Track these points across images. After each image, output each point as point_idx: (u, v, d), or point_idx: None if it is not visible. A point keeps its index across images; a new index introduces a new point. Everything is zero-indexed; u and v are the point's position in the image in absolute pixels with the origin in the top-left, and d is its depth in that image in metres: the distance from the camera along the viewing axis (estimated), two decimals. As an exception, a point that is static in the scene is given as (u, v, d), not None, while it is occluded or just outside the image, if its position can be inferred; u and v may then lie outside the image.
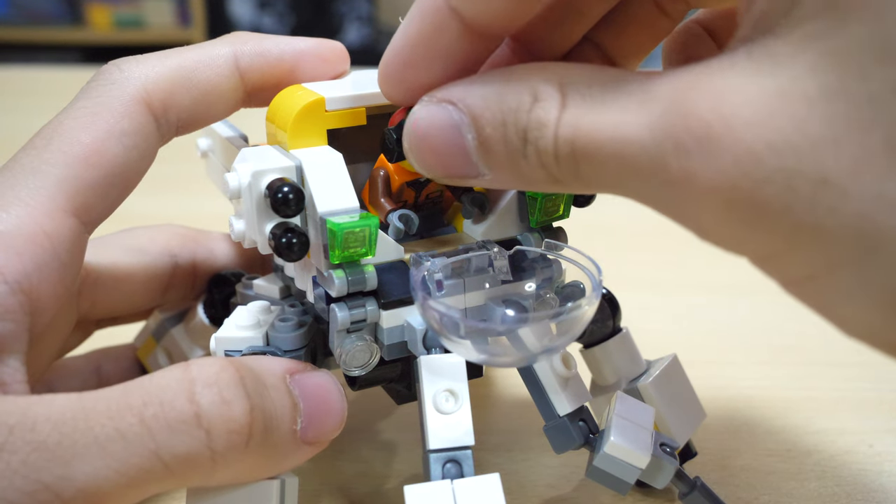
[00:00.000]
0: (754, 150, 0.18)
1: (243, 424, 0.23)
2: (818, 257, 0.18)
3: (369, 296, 0.27)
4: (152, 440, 0.22)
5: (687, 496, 0.30)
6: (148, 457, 0.22)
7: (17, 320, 0.24)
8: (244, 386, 0.24)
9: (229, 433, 0.23)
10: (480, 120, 0.23)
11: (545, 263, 0.29)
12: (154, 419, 0.22)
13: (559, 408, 0.28)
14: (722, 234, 0.20)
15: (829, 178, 0.18)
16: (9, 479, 0.20)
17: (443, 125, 0.23)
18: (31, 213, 0.25)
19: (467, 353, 0.26)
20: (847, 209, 0.18)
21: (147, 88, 0.28)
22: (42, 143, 0.27)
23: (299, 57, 0.30)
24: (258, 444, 0.24)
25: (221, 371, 0.23)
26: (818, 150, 0.18)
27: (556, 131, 0.21)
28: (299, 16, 2.31)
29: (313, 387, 0.26)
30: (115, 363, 0.37)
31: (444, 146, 0.23)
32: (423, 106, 0.24)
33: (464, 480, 0.25)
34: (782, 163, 0.18)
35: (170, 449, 0.22)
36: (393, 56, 0.24)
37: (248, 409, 0.23)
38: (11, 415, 0.21)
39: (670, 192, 0.20)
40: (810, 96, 0.18)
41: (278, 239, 0.26)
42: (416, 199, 0.31)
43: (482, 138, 0.23)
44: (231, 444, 0.23)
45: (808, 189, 0.18)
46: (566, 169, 0.22)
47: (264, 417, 0.24)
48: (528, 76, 0.22)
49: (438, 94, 0.24)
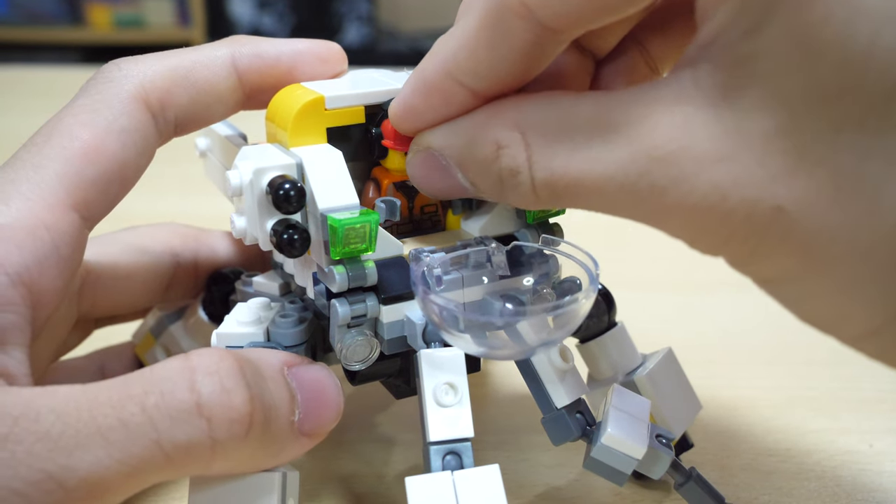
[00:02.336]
0: (721, 186, 0.20)
1: (244, 413, 0.23)
2: (775, 269, 0.22)
3: (369, 291, 0.28)
4: (154, 429, 0.22)
5: (683, 486, 0.30)
6: (149, 446, 0.22)
7: (19, 312, 0.24)
8: (244, 376, 0.24)
9: (230, 422, 0.23)
10: (462, 166, 0.26)
11: (542, 259, 0.29)
12: (155, 408, 0.22)
13: (557, 400, 0.28)
14: (698, 247, 0.23)
15: (784, 207, 0.20)
16: (14, 468, 0.21)
17: (434, 167, 0.26)
18: (32, 206, 0.25)
19: (466, 346, 0.26)
20: (798, 234, 0.20)
21: (145, 86, 0.28)
22: (42, 139, 0.27)
23: (297, 57, 0.30)
24: (258, 434, 0.24)
25: (221, 360, 0.24)
26: (776, 182, 0.20)
27: (532, 175, 0.24)
28: (299, 16, 2.31)
29: (310, 380, 0.26)
30: (118, 361, 0.37)
31: (441, 182, 0.27)
32: (413, 154, 0.27)
33: (464, 472, 0.25)
34: (745, 194, 0.20)
35: (171, 438, 0.22)
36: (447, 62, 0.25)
37: (249, 399, 0.23)
38: (16, 406, 0.22)
39: (649, 218, 0.23)
40: (767, 133, 0.20)
41: (280, 235, 0.26)
42: (410, 209, 0.31)
43: (470, 177, 0.26)
44: (232, 433, 0.23)
45: (766, 216, 0.20)
46: (549, 201, 0.24)
47: (264, 408, 0.24)
48: (488, 124, 0.24)
49: (422, 143, 0.27)
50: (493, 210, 0.30)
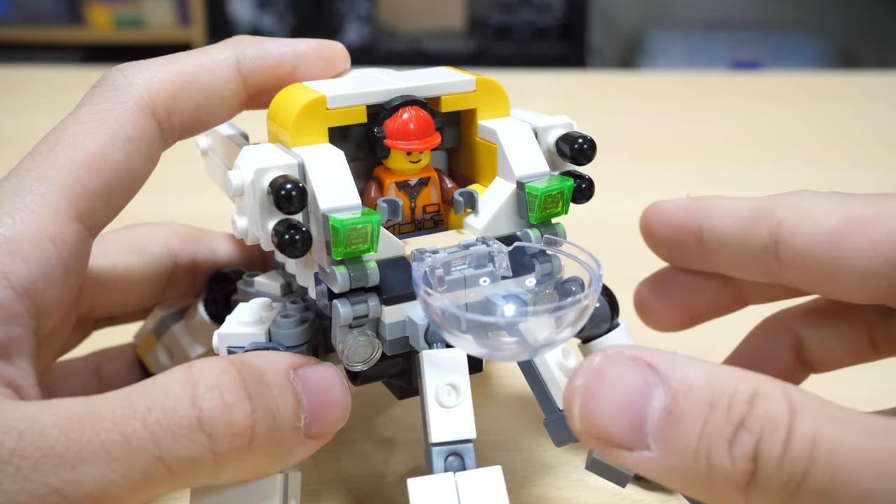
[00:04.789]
0: None
1: (245, 427, 0.23)
2: None
3: (371, 291, 0.28)
4: (156, 445, 0.22)
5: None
6: (152, 461, 0.22)
7: (24, 324, 0.25)
8: (246, 388, 0.24)
9: (231, 436, 0.23)
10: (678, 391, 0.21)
11: (545, 259, 0.29)
12: (157, 424, 0.22)
13: (559, 401, 0.28)
14: None
15: None
16: (20, 483, 0.21)
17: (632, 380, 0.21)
18: (37, 218, 0.25)
19: (469, 346, 0.26)
20: None
21: (150, 94, 0.28)
22: (47, 148, 0.27)
23: (300, 58, 0.30)
24: (261, 444, 0.24)
25: (223, 374, 0.24)
26: None
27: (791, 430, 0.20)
28: (299, 15, 2.31)
29: (316, 381, 0.26)
30: (115, 363, 0.38)
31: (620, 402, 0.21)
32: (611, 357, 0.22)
33: (466, 473, 0.25)
34: None
35: (173, 453, 0.22)
36: None
37: (250, 412, 0.24)
38: (21, 421, 0.22)
39: None
40: None
41: (281, 235, 0.26)
42: (412, 209, 0.31)
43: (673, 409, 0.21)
44: (233, 447, 0.23)
45: None
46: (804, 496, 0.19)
47: (267, 418, 0.24)
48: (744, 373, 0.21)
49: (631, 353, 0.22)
50: (496, 210, 0.30)
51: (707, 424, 0.20)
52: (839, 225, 0.26)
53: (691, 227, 0.30)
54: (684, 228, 0.24)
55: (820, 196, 0.27)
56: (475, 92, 0.31)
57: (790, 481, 0.19)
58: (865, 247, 0.25)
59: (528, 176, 0.30)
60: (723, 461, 0.20)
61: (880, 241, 0.25)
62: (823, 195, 0.28)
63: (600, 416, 0.21)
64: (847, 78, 1.09)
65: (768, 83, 1.04)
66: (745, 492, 0.20)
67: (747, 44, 2.19)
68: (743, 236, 0.28)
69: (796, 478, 0.19)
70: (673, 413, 0.21)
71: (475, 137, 0.32)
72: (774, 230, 0.27)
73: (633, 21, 2.37)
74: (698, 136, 0.82)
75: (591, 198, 0.31)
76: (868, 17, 2.28)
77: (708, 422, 0.20)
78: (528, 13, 2.23)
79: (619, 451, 0.21)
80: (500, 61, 2.10)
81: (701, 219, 0.30)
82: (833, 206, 0.27)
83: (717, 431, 0.20)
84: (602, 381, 0.22)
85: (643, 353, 0.22)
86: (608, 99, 0.94)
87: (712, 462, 0.20)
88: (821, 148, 0.77)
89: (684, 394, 0.21)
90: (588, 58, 2.22)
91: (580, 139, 0.30)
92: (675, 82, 1.06)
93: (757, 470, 0.20)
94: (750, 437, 0.20)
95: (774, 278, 0.28)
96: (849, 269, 0.25)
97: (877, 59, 2.26)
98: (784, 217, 0.27)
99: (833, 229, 0.26)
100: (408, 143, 0.29)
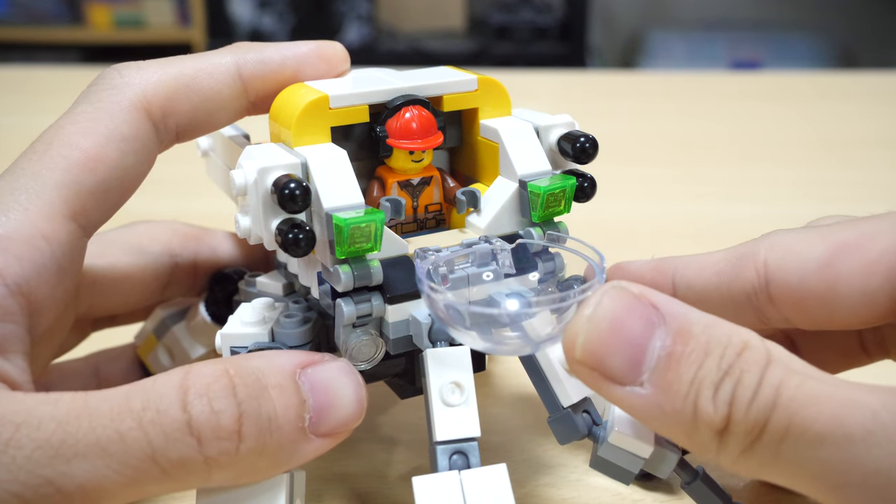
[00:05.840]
0: None
1: (231, 432, 0.24)
2: None
3: (375, 290, 0.28)
4: (149, 445, 0.23)
5: (690, 485, 0.30)
6: (145, 460, 0.23)
7: (18, 322, 0.25)
8: (235, 395, 0.24)
9: (218, 440, 0.23)
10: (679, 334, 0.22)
11: (547, 257, 0.29)
12: (151, 424, 0.23)
13: (563, 399, 0.28)
14: None
15: None
16: (14, 472, 0.22)
17: (637, 316, 0.22)
18: (31, 216, 0.26)
19: (473, 341, 0.26)
20: None
21: (147, 95, 0.28)
22: (42, 147, 0.27)
23: (301, 61, 0.30)
24: (251, 447, 0.24)
25: (214, 382, 0.24)
26: None
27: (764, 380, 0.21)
28: (299, 15, 2.30)
29: (323, 380, 0.26)
30: (114, 364, 0.38)
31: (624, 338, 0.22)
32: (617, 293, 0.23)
33: (471, 471, 0.25)
34: None
35: (165, 454, 0.23)
36: None
37: (237, 418, 0.24)
38: (18, 413, 0.22)
39: None
40: None
41: (285, 235, 0.26)
42: (415, 208, 0.31)
43: (673, 350, 0.22)
44: (222, 451, 0.23)
45: None
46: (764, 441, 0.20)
47: (258, 422, 0.24)
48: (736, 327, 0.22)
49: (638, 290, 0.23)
50: (498, 209, 0.30)
51: (700, 370, 0.21)
52: (828, 252, 0.26)
53: (664, 286, 0.29)
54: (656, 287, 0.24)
55: (795, 232, 0.27)
56: (477, 91, 0.31)
57: (755, 427, 0.20)
58: (861, 268, 0.25)
59: (530, 174, 0.30)
60: (707, 406, 0.21)
61: (875, 261, 0.25)
62: (798, 230, 0.27)
63: (602, 347, 0.22)
64: (847, 78, 1.09)
65: (768, 83, 1.04)
66: (718, 438, 0.21)
67: (747, 44, 2.19)
68: (725, 285, 0.28)
69: (760, 423, 0.20)
70: (672, 355, 0.22)
71: (477, 137, 0.32)
72: (761, 271, 0.27)
73: (633, 21, 2.37)
74: (698, 135, 0.82)
75: (593, 196, 0.31)
76: (868, 17, 2.28)
77: (701, 367, 0.21)
78: (528, 13, 2.24)
79: (611, 385, 0.22)
80: (500, 61, 2.10)
81: (673, 276, 0.29)
82: (814, 237, 0.26)
83: (708, 378, 0.21)
84: (610, 316, 0.22)
85: (648, 292, 0.23)
86: (608, 99, 0.94)
87: (698, 407, 0.21)
88: (821, 148, 0.78)
89: (684, 338, 0.22)
90: (588, 58, 2.22)
91: (582, 138, 0.30)
92: (675, 82, 1.06)
93: (731, 416, 0.21)
94: (731, 385, 0.21)
95: (766, 322, 0.28)
96: (846, 292, 0.25)
97: (877, 59, 2.26)
98: (768, 257, 0.27)
99: (822, 257, 0.26)
100: (410, 143, 0.29)
